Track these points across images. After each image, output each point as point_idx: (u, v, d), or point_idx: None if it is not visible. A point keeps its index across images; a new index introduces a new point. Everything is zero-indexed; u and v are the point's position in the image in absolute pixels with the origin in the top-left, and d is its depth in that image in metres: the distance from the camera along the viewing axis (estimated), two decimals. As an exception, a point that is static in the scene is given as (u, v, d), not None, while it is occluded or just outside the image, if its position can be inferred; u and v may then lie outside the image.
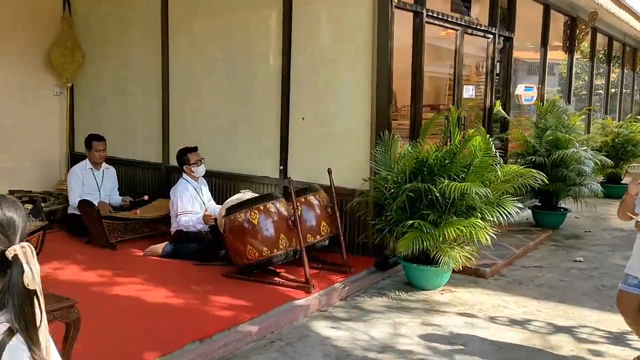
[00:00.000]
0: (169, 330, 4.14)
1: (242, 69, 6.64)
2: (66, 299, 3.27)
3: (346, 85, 5.99)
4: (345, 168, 5.99)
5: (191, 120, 7.16)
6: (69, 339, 3.28)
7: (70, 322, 3.25)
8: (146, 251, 5.94)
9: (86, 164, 6.72)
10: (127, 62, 7.65)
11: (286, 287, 5.07)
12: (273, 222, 5.10)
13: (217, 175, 6.82)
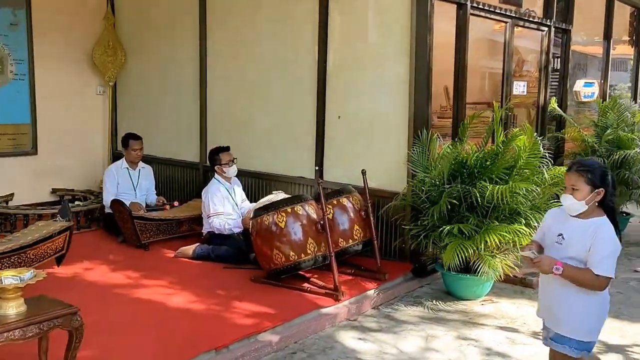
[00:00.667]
0: (186, 338, 3.97)
1: (277, 68, 6.44)
2: (69, 305, 3.14)
3: (383, 83, 5.69)
4: (382, 169, 5.71)
5: (228, 119, 7.02)
6: (71, 348, 3.15)
7: (72, 330, 3.12)
8: (177, 252, 5.82)
9: (122, 162, 6.67)
10: (167, 61, 7.58)
11: (314, 294, 4.83)
12: (301, 225, 4.87)
13: (253, 175, 6.66)
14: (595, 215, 2.95)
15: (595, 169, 2.94)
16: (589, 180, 2.91)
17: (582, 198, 2.91)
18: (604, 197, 2.92)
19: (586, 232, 2.90)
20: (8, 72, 7.17)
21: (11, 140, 7.31)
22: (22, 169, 7.37)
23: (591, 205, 2.93)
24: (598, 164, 3.01)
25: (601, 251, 2.87)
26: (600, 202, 2.94)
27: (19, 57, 7.24)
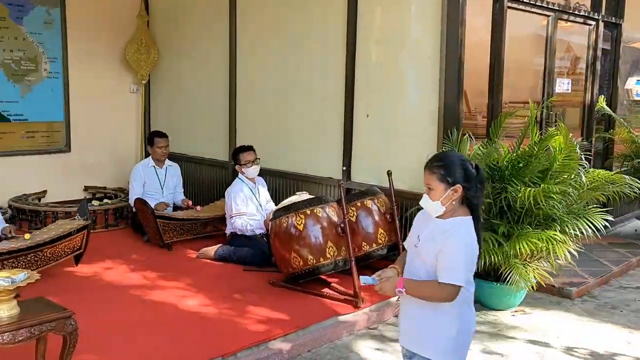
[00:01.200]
0: (194, 343, 3.84)
1: (305, 67, 6.25)
2: (63, 309, 3.03)
3: (412, 80, 5.43)
4: (410, 170, 5.44)
5: (256, 118, 6.88)
6: (65, 354, 3.04)
7: (65, 334, 3.01)
8: (199, 253, 5.71)
9: (149, 161, 6.63)
10: (199, 60, 7.51)
11: (333, 299, 4.63)
12: (321, 228, 4.67)
13: (281, 175, 6.50)
14: (458, 215, 2.54)
15: (450, 163, 2.53)
16: (442, 177, 2.50)
17: (437, 198, 2.51)
18: (468, 194, 2.51)
19: (438, 235, 2.51)
20: (42, 70, 7.23)
21: (45, 138, 7.37)
22: (55, 167, 7.43)
23: (450, 205, 2.51)
24: (455, 157, 2.59)
25: (448, 256, 2.47)
26: (467, 199, 2.53)
27: (53, 56, 7.29)
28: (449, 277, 2.43)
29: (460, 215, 2.53)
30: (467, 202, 2.53)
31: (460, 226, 2.51)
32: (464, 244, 2.48)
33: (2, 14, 6.84)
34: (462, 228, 2.50)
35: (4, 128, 7.02)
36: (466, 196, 2.51)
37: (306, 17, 6.20)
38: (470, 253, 2.49)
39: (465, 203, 2.54)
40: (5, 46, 6.90)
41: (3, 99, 6.96)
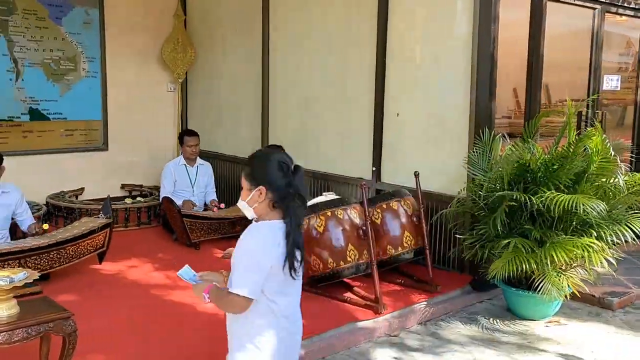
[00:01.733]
0: (205, 347, 3.76)
1: (336, 66, 6.12)
2: (63, 309, 2.99)
3: (443, 78, 5.22)
4: (440, 171, 5.25)
5: (288, 117, 6.79)
6: (64, 355, 3.00)
7: (64, 335, 2.97)
8: (224, 253, 5.51)
9: (180, 159, 6.62)
10: (233, 59, 7.47)
11: (354, 304, 4.47)
12: (342, 230, 4.53)
13: (310, 174, 6.37)
14: (269, 218, 2.32)
15: (258, 162, 2.34)
16: (248, 176, 2.33)
17: (244, 198, 2.34)
18: (277, 197, 2.29)
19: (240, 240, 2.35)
20: (81, 69, 7.34)
21: (83, 136, 7.48)
22: (93, 165, 7.53)
23: (258, 207, 2.32)
24: (267, 156, 2.37)
25: (238, 264, 2.30)
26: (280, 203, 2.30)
27: (92, 55, 7.40)
28: (235, 286, 2.27)
29: (270, 219, 2.32)
30: (283, 206, 2.31)
31: (251, 231, 2.32)
32: (246, 250, 2.29)
33: (42, 15, 6.97)
34: (250, 233, 2.33)
35: (44, 126, 7.16)
36: (277, 199, 2.30)
37: (336, 16, 6.07)
38: (252, 261, 2.26)
39: (279, 206, 2.31)
40: (45, 46, 7.03)
41: (43, 98, 7.10)
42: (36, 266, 4.54)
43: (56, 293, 4.55)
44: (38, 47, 6.99)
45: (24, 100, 6.96)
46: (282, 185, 2.29)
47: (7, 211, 4.97)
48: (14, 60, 6.84)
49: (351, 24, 5.92)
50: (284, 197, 2.29)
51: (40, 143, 7.12)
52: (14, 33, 6.81)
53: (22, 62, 6.89)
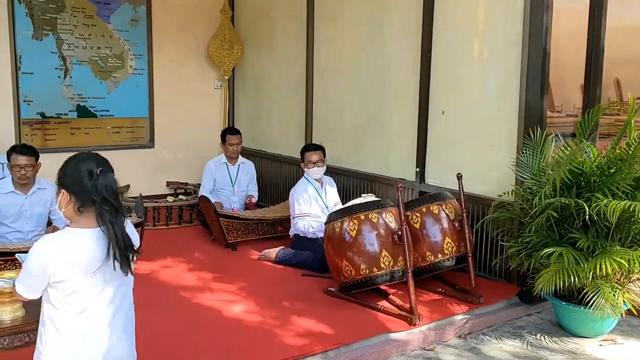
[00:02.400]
0: (223, 354, 3.59)
1: (380, 63, 5.84)
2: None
3: (491, 73, 4.88)
4: (488, 173, 4.92)
5: (331, 115, 6.57)
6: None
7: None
8: (260, 255, 5.49)
9: (221, 157, 6.52)
10: (278, 57, 7.31)
11: (388, 314, 4.21)
12: (376, 235, 4.26)
13: (353, 174, 6.15)
14: (78, 225, 2.20)
15: (64, 163, 2.27)
16: (57, 179, 2.26)
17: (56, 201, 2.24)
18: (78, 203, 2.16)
19: None
20: (128, 67, 7.37)
21: (129, 134, 7.51)
22: (139, 162, 7.55)
23: (67, 211, 2.20)
24: (71, 157, 2.28)
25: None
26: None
27: (139, 52, 7.41)
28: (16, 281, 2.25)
29: (80, 227, 2.19)
30: (94, 212, 2.18)
31: (42, 240, 2.17)
32: (33, 254, 2.15)
33: (90, 12, 7.02)
34: (41, 242, 2.17)
35: (91, 123, 7.22)
36: (80, 204, 2.17)
37: (381, 13, 5.80)
38: (32, 265, 2.15)
39: (88, 212, 2.19)
40: (92, 44, 7.08)
41: (90, 95, 7.16)
42: (66, 264, 4.50)
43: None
44: (86, 44, 7.04)
45: (72, 98, 7.04)
46: (83, 190, 2.17)
47: (43, 208, 4.98)
48: (63, 58, 6.92)
49: (396, 20, 5.64)
50: (86, 202, 2.17)
51: (87, 140, 7.18)
52: (63, 31, 6.88)
53: (70, 59, 6.96)
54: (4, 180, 4.94)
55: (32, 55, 6.71)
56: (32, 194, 4.91)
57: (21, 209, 4.86)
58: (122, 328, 2.33)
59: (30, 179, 4.85)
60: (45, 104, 6.87)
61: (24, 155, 4.81)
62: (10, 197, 4.84)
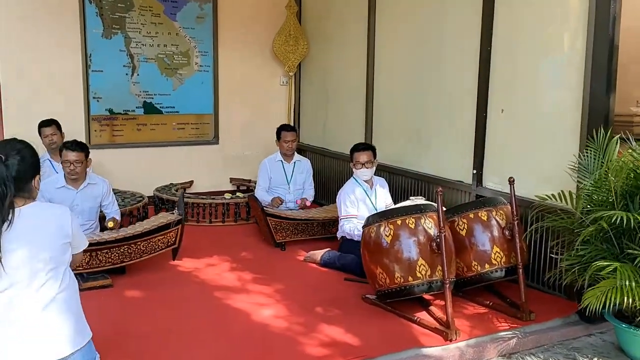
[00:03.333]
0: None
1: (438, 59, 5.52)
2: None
3: (552, 68, 4.44)
4: (547, 177, 4.48)
5: (389, 114, 6.31)
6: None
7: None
8: (306, 256, 5.34)
9: (277, 155, 6.41)
10: (342, 55, 7.11)
11: (424, 327, 3.92)
12: (414, 242, 3.98)
13: (411, 175, 5.86)
14: None
15: None
16: None
17: None
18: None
19: None
20: (193, 64, 7.44)
21: (194, 130, 7.59)
22: (203, 158, 7.62)
23: None
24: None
25: None
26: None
27: (204, 49, 7.47)
28: None
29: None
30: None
31: None
32: None
33: (157, 11, 7.14)
34: None
35: (157, 120, 7.36)
36: None
37: (440, 8, 5.47)
38: None
39: None
40: (159, 41, 7.21)
41: (156, 92, 7.29)
42: (107, 260, 4.56)
43: (125, 287, 4.58)
44: (153, 42, 7.18)
45: (139, 95, 7.20)
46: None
47: (94, 202, 5.08)
48: (130, 56, 7.09)
49: (455, 15, 5.30)
50: None
51: (153, 136, 7.33)
52: (131, 29, 7.05)
53: (137, 57, 7.12)
54: (57, 176, 5.09)
55: (102, 54, 6.92)
56: (83, 189, 5.01)
57: (72, 203, 4.98)
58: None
59: (80, 174, 4.95)
60: (114, 100, 7.07)
61: (74, 152, 4.91)
62: (62, 192, 4.97)
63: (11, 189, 2.37)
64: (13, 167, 2.42)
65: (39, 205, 2.58)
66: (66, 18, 6.70)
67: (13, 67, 6.51)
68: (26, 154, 2.49)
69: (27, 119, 6.19)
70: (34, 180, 2.52)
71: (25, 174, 2.48)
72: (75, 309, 2.67)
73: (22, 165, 2.46)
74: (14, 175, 2.41)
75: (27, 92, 6.59)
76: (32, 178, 2.51)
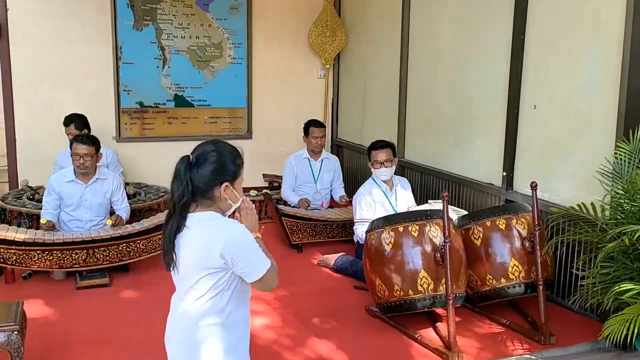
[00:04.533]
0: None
1: (467, 47, 5.07)
2: (11, 322, 2.66)
3: (588, 59, 3.91)
4: (579, 182, 3.97)
5: (421, 111, 5.87)
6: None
7: (10, 350, 2.65)
8: (319, 260, 5.04)
9: (303, 152, 6.12)
10: (378, 47, 6.71)
11: (424, 346, 3.54)
12: (416, 252, 3.60)
13: (442, 175, 5.43)
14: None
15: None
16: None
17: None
18: None
19: None
20: (226, 56, 7.24)
21: (226, 124, 7.40)
22: (237, 153, 7.41)
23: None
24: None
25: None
26: None
27: (238, 41, 7.25)
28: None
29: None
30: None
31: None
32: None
33: (189, 2, 6.98)
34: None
35: (189, 113, 7.22)
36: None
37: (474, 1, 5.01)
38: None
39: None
40: (191, 33, 7.05)
41: (188, 85, 7.15)
42: (104, 258, 4.43)
43: (123, 287, 4.43)
44: (185, 34, 7.03)
45: (170, 87, 7.08)
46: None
47: (103, 198, 4.96)
48: (162, 48, 6.97)
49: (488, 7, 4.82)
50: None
51: (184, 129, 7.19)
52: (162, 21, 6.92)
53: (169, 49, 6.99)
54: (67, 170, 5.00)
55: (132, 46, 6.83)
56: (92, 183, 4.90)
57: (81, 198, 4.88)
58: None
59: (89, 168, 4.84)
60: (144, 93, 6.98)
61: (84, 145, 4.80)
62: (71, 186, 4.88)
63: (188, 193, 2.15)
64: (197, 170, 2.18)
65: (214, 216, 2.22)
66: (97, 10, 6.64)
67: (44, 59, 6.51)
68: (215, 158, 2.21)
69: (58, 111, 6.16)
70: (220, 188, 2.19)
71: (207, 180, 2.18)
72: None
73: (205, 170, 2.18)
74: (194, 180, 2.17)
75: (58, 85, 6.59)
76: (215, 186, 2.19)
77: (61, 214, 4.89)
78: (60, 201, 4.88)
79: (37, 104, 6.54)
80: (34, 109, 6.55)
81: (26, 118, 6.55)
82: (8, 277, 4.49)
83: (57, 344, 3.48)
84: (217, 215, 2.20)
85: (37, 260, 4.30)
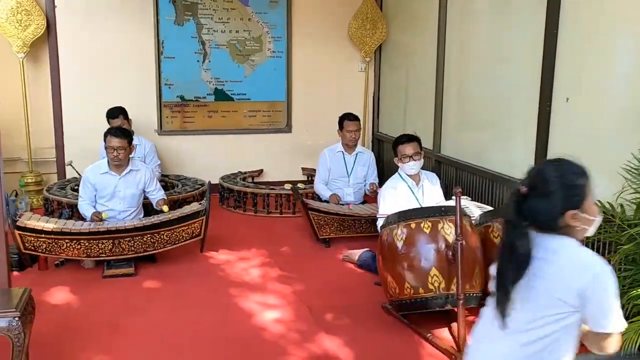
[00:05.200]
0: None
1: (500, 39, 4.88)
2: (12, 309, 2.74)
3: (622, 49, 3.68)
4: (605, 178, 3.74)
5: (456, 105, 5.71)
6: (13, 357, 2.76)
7: (10, 336, 2.73)
8: (344, 255, 4.98)
9: (337, 145, 6.06)
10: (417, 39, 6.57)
11: (435, 346, 3.44)
12: (431, 249, 3.50)
13: (477, 171, 5.26)
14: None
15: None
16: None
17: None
18: None
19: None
20: (266, 49, 7.27)
21: (266, 117, 7.43)
22: (274, 146, 7.45)
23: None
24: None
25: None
26: None
27: (278, 35, 7.26)
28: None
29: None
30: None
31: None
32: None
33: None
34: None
35: (228, 107, 7.29)
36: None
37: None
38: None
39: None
40: (231, 27, 7.11)
41: (228, 79, 7.22)
42: (129, 248, 4.53)
43: (147, 277, 4.52)
44: (225, 28, 7.10)
45: (210, 81, 7.16)
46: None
47: (135, 189, 5.07)
48: (202, 42, 7.06)
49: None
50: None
51: (224, 123, 7.27)
52: (203, 16, 7.01)
53: (209, 43, 7.08)
54: (101, 162, 5.14)
55: (174, 40, 6.95)
56: (125, 175, 5.02)
57: (115, 189, 5.02)
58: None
59: (122, 160, 4.96)
60: (185, 87, 7.09)
61: (117, 138, 4.93)
62: (105, 178, 5.02)
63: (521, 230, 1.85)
64: (533, 205, 1.87)
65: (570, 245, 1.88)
66: (140, 6, 6.79)
67: (86, 55, 6.72)
68: (556, 186, 1.85)
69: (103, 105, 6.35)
70: (566, 215, 1.85)
71: (549, 212, 1.85)
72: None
73: (546, 203, 1.85)
74: (532, 215, 1.87)
75: (100, 79, 6.78)
76: (561, 214, 1.85)
77: (96, 205, 5.04)
78: (95, 192, 5.03)
79: (82, 99, 6.76)
80: (80, 103, 6.76)
81: (73, 112, 6.78)
82: (42, 264, 4.66)
83: (69, 330, 3.59)
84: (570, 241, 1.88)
85: (65, 248, 4.44)
